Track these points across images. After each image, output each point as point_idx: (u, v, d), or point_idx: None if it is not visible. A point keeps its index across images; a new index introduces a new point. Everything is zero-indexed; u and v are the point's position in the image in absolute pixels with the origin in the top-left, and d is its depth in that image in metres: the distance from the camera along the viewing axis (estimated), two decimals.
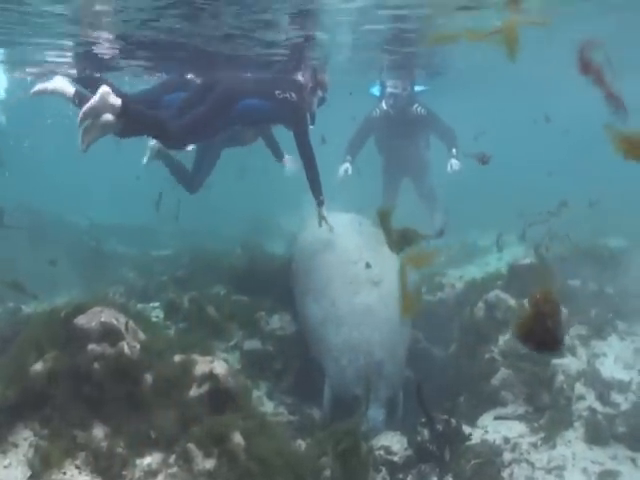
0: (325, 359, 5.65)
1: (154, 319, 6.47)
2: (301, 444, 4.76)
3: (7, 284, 5.50)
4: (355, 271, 5.85)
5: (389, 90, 8.10)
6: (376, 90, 8.51)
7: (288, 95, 5.74)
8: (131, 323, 3.99)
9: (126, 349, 3.69)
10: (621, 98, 2.12)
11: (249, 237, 10.97)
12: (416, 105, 8.16)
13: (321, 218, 6.14)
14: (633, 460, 3.94)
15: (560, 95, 15.54)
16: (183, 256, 9.86)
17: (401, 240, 3.93)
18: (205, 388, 3.62)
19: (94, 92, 4.39)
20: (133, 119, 4.63)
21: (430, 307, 6.56)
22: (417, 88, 8.45)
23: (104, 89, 4.30)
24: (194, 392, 3.62)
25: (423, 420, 4.52)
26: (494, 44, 2.21)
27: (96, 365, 3.54)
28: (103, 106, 4.35)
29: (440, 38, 2.01)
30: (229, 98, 5.53)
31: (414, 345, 6.43)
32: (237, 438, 3.36)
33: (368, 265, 5.77)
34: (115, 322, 3.76)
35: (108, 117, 4.38)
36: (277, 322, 6.35)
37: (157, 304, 6.78)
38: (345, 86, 8.37)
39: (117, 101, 4.34)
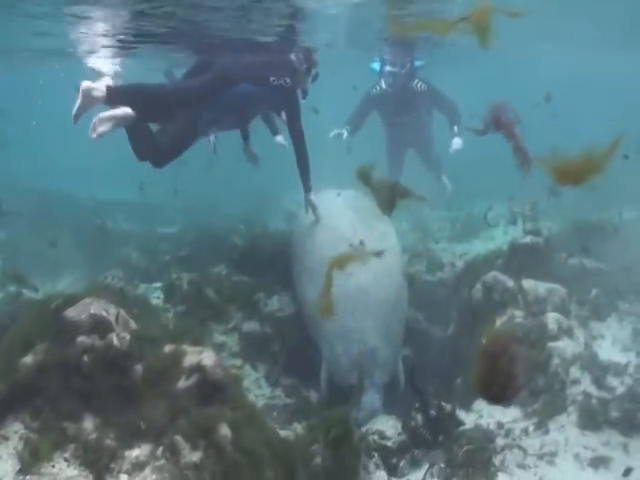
0: (321, 343, 5.67)
1: (155, 300, 6.53)
2: (297, 428, 4.81)
3: (8, 276, 5.53)
4: (350, 250, 5.80)
5: (387, 69, 7.90)
6: (376, 65, 8.31)
7: (283, 81, 5.73)
8: (122, 313, 3.99)
9: (115, 341, 3.70)
10: (528, 152, 2.34)
11: (253, 215, 10.95)
12: (416, 81, 7.98)
13: (309, 205, 6.18)
14: (625, 446, 3.91)
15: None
16: (187, 234, 9.89)
17: (391, 198, 3.68)
18: (193, 380, 3.63)
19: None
20: (122, 98, 4.71)
21: (430, 287, 6.51)
22: (417, 63, 8.24)
23: (83, 85, 4.33)
24: (182, 384, 3.63)
25: (417, 405, 4.53)
26: (466, 31, 2.10)
27: (85, 357, 3.57)
28: (90, 100, 4.37)
29: (405, 28, 1.89)
30: (222, 83, 5.47)
31: (414, 325, 6.42)
32: (224, 430, 3.38)
33: (362, 243, 5.72)
34: (105, 314, 3.76)
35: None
36: (276, 303, 6.36)
37: (159, 285, 6.82)
38: (345, 59, 8.20)
39: (101, 90, 4.32)
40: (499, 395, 1.83)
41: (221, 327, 6.19)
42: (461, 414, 4.54)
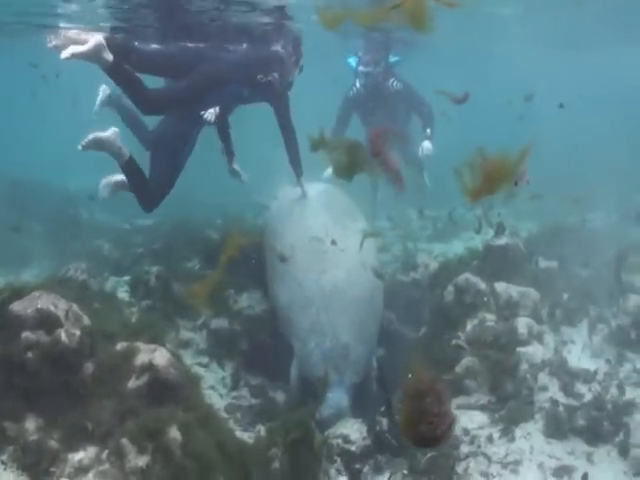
0: (293, 340, 5.54)
1: (123, 294, 6.34)
2: (260, 430, 4.67)
3: None
4: (321, 249, 5.67)
5: (360, 69, 7.76)
6: (352, 61, 8.15)
7: (271, 77, 5.70)
8: (75, 308, 3.81)
9: (63, 337, 3.53)
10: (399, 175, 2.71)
11: (230, 208, 10.75)
12: (392, 80, 7.84)
13: (300, 187, 6.32)
14: (589, 455, 3.82)
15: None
16: (163, 227, 9.66)
17: (349, 161, 3.42)
18: (144, 379, 3.47)
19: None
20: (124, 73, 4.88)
21: (403, 288, 6.39)
22: (393, 58, 8.10)
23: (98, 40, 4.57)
24: (132, 383, 3.47)
25: (383, 408, 4.41)
26: (400, 18, 1.96)
27: (30, 354, 3.39)
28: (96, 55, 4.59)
29: (334, 18, 1.74)
30: (208, 85, 5.46)
31: (386, 325, 6.30)
32: (173, 433, 3.22)
33: (334, 242, 5.59)
34: (52, 308, 3.58)
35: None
36: (246, 300, 6.20)
37: (129, 278, 6.63)
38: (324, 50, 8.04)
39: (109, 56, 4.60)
40: (428, 436, 1.71)
41: (189, 323, 6.03)
42: None
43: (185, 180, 6.40)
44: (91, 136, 4.98)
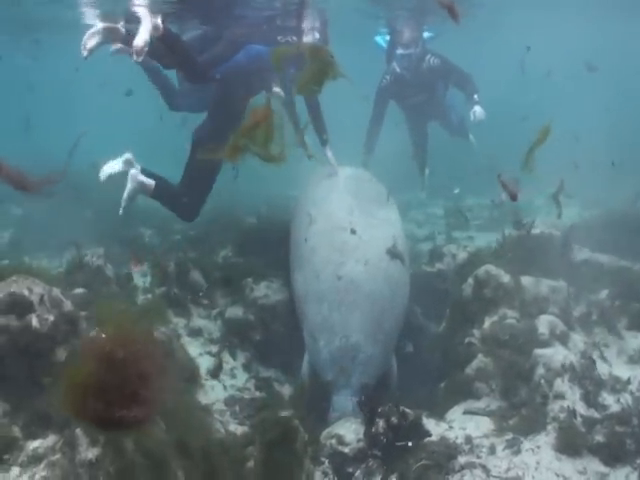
0: (305, 334, 5.28)
1: (143, 280, 6.32)
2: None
3: None
4: (343, 239, 5.35)
5: (399, 52, 7.23)
6: (381, 40, 7.67)
7: (289, 39, 5.74)
8: (55, 293, 3.76)
9: (34, 322, 3.48)
10: None
11: (277, 197, 10.60)
12: (428, 56, 7.32)
13: (326, 158, 6.16)
14: (602, 477, 3.30)
15: None
16: (206, 214, 9.67)
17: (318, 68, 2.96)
18: None
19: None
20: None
21: (428, 279, 5.96)
22: (425, 35, 7.56)
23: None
24: None
25: (380, 409, 4.07)
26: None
27: None
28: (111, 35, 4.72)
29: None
30: (233, 43, 5.53)
31: (410, 319, 5.91)
32: None
33: (353, 231, 5.26)
34: (26, 293, 3.54)
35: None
36: (263, 290, 5.99)
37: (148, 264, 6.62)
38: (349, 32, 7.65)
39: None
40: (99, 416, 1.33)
41: (204, 312, 5.93)
42: (429, 423, 4.04)
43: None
44: (124, 199, 5.20)
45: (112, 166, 5.16)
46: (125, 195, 5.20)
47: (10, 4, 7.89)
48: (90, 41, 4.65)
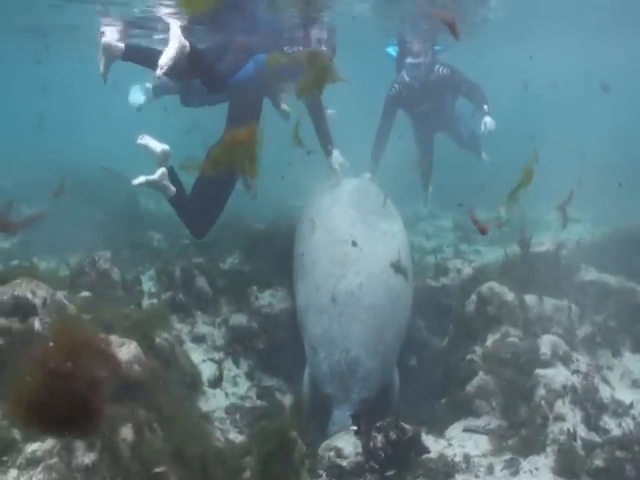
0: (306, 345, 5.28)
1: (150, 285, 6.35)
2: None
3: None
4: (344, 251, 5.35)
5: (409, 61, 7.26)
6: (392, 50, 7.69)
7: (296, 49, 5.66)
8: (59, 297, 3.80)
9: (37, 325, 3.52)
10: None
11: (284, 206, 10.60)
12: (437, 66, 7.33)
13: (331, 170, 6.22)
14: None
15: None
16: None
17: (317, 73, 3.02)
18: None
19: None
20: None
21: (433, 293, 5.94)
22: (436, 47, 7.57)
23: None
24: None
25: (379, 424, 4.06)
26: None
27: (1, 340, 3.39)
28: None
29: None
30: (243, 52, 5.60)
31: (414, 334, 5.89)
32: (125, 432, 3.09)
33: (354, 243, 5.26)
34: (29, 296, 3.58)
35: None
36: (267, 298, 6.01)
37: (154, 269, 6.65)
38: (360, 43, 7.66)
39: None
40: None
41: (209, 318, 5.94)
42: (429, 440, 4.02)
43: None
44: (142, 178, 5.15)
45: (154, 143, 5.19)
46: (145, 179, 5.18)
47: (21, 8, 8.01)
48: (100, 65, 4.95)
